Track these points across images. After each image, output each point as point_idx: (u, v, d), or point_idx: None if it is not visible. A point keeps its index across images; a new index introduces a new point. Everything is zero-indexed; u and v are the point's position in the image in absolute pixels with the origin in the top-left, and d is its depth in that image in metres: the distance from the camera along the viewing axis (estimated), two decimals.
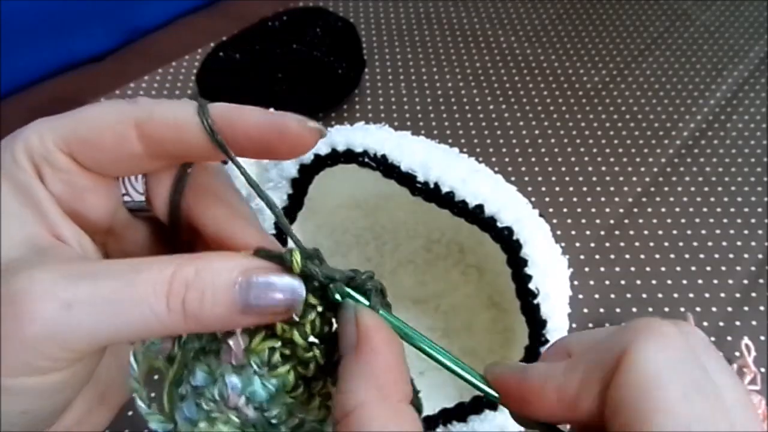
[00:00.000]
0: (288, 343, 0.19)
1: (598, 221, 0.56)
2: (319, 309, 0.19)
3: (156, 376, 0.21)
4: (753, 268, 0.52)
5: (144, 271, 0.17)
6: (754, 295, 0.50)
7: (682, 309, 0.49)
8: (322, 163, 0.32)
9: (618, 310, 0.49)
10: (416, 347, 0.20)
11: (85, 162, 0.19)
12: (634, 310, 0.49)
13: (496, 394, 0.19)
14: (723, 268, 0.52)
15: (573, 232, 0.55)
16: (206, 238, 0.21)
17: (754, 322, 0.48)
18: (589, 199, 0.58)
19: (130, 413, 0.36)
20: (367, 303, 0.19)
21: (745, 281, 0.51)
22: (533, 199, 0.34)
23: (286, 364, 0.19)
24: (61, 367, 0.17)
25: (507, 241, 0.30)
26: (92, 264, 0.18)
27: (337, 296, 0.19)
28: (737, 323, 0.48)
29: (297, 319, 0.19)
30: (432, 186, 0.30)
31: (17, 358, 0.16)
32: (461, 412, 0.32)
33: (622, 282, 0.51)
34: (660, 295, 0.50)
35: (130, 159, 0.19)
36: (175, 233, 0.22)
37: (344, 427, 0.17)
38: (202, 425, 0.19)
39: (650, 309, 0.49)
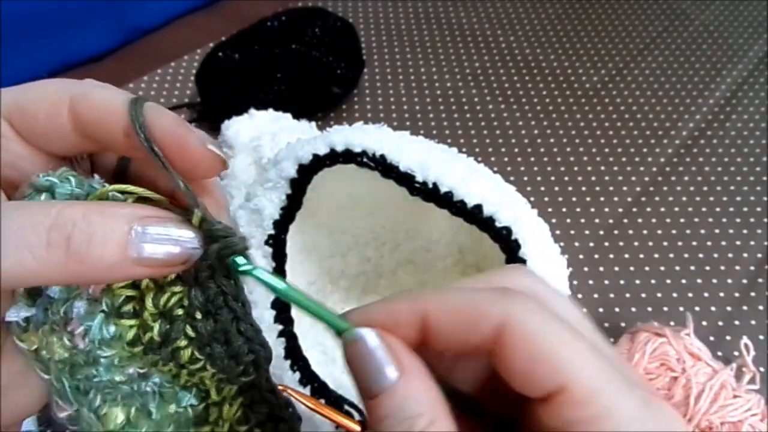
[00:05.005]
0: (142, 301, 0.19)
1: (597, 221, 0.56)
2: (195, 294, 0.19)
3: None
4: (752, 268, 0.52)
5: (27, 207, 0.16)
6: (753, 294, 0.50)
7: (681, 309, 0.49)
8: (320, 163, 0.32)
9: (617, 309, 0.49)
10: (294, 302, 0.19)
11: (21, 131, 0.20)
12: (633, 309, 0.49)
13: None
14: (722, 268, 0.52)
15: (572, 232, 0.55)
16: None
17: (753, 322, 0.49)
18: (588, 199, 0.58)
19: None
20: (279, 283, 0.19)
21: (744, 281, 0.51)
22: (532, 198, 0.34)
23: (131, 320, 0.19)
24: None
25: (506, 240, 0.30)
26: None
27: (240, 260, 0.19)
28: (736, 323, 0.48)
29: (164, 286, 0.19)
30: (431, 186, 0.30)
31: None
32: None
33: (621, 282, 0.51)
34: (659, 295, 0.50)
35: (60, 134, 0.20)
36: None
37: None
38: (45, 328, 0.19)
39: (649, 309, 0.49)
